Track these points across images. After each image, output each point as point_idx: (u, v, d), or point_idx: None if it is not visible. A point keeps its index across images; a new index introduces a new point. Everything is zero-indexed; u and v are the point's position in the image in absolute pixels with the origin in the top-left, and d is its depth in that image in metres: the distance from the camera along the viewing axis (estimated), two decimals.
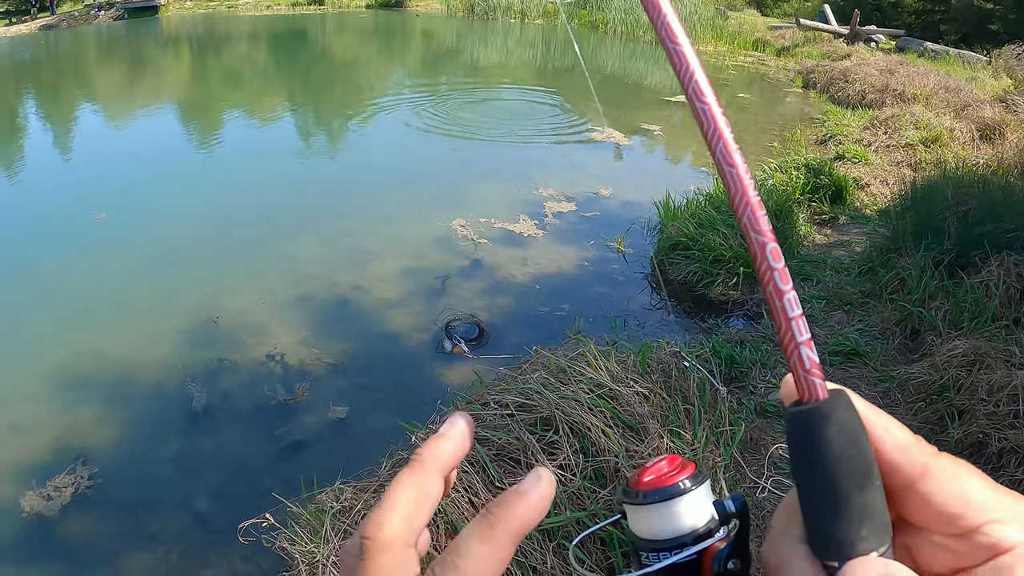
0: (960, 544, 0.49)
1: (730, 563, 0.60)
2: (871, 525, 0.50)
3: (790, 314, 0.53)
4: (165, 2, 48.05)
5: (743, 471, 4.16)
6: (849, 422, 0.50)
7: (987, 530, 0.48)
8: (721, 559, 0.61)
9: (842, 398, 0.51)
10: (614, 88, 20.03)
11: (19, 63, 32.90)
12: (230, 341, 6.92)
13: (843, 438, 0.50)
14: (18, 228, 10.44)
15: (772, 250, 0.52)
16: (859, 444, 0.50)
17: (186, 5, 48.29)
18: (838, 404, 0.51)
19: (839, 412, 0.51)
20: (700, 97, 0.53)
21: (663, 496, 0.61)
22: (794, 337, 0.53)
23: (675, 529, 0.61)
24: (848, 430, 0.50)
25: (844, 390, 0.52)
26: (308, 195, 11.06)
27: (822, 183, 9.48)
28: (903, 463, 0.51)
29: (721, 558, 0.61)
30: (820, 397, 0.51)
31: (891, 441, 0.51)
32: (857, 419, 0.51)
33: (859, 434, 0.51)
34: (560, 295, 7.49)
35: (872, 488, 0.50)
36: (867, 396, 2.71)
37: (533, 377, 4.15)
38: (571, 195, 10.21)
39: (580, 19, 32.87)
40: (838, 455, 0.50)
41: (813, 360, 0.52)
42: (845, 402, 0.51)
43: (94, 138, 17.16)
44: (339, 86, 20.92)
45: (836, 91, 17.55)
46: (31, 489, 5.17)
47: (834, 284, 6.98)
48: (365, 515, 2.50)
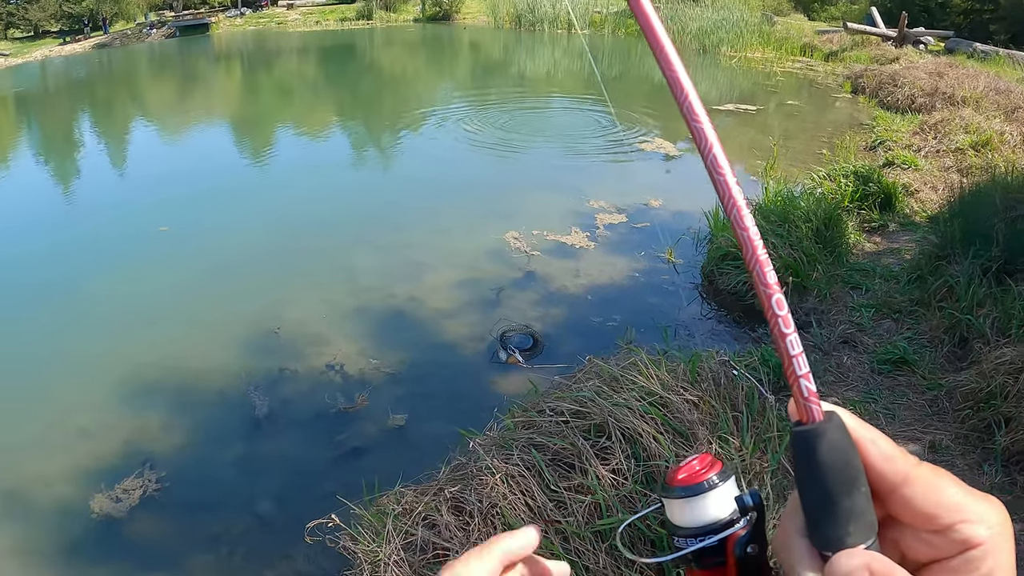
0: (938, 539, 0.62)
1: (749, 548, 0.73)
2: (857, 524, 0.63)
3: (791, 352, 0.65)
4: (216, 20, 48.71)
5: (791, 477, 4.26)
6: (839, 440, 0.63)
7: (959, 528, 0.61)
8: (742, 544, 0.74)
9: (835, 420, 0.64)
10: (661, 98, 20.02)
11: (74, 81, 33.54)
12: (291, 351, 7.13)
13: (833, 453, 0.63)
14: (85, 241, 10.84)
15: (777, 300, 0.68)
16: (847, 457, 0.63)
17: (236, 22, 48.85)
18: (831, 425, 0.64)
19: (831, 432, 0.63)
20: (717, 169, 0.69)
21: (694, 492, 0.75)
22: (795, 371, 0.65)
23: (704, 519, 0.75)
24: (838, 446, 0.63)
25: (837, 412, 0.66)
26: (362, 207, 11.28)
27: (871, 190, 9.45)
28: (888, 471, 0.64)
29: (742, 544, 0.74)
30: (816, 419, 0.64)
31: (877, 453, 0.64)
32: (846, 437, 0.64)
33: (847, 449, 0.64)
34: (611, 305, 7.59)
35: (858, 493, 0.63)
36: (915, 404, 2.89)
37: (587, 385, 4.27)
38: (622, 206, 10.31)
39: (628, 28, 32.89)
40: (829, 466, 0.63)
41: (811, 389, 0.65)
42: (837, 423, 0.64)
43: (151, 153, 17.58)
44: (389, 99, 21.15)
45: (885, 95, 17.33)
46: (100, 492, 5.41)
47: (883, 292, 6.97)
48: (426, 517, 2.70)
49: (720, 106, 17.48)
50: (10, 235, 11.52)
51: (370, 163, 13.90)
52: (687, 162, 12.89)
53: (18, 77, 36.56)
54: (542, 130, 16.90)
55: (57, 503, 5.45)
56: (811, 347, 6.01)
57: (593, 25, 35.15)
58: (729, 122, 15.99)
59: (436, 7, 45.91)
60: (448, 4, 45.52)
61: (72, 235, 11.32)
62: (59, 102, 28.73)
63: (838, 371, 5.61)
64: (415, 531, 3.54)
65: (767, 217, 7.97)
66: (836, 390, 5.32)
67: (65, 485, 5.60)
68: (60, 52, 44.96)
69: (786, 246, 7.34)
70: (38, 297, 8.90)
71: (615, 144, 14.74)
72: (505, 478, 3.62)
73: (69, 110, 26.29)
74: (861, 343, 6.03)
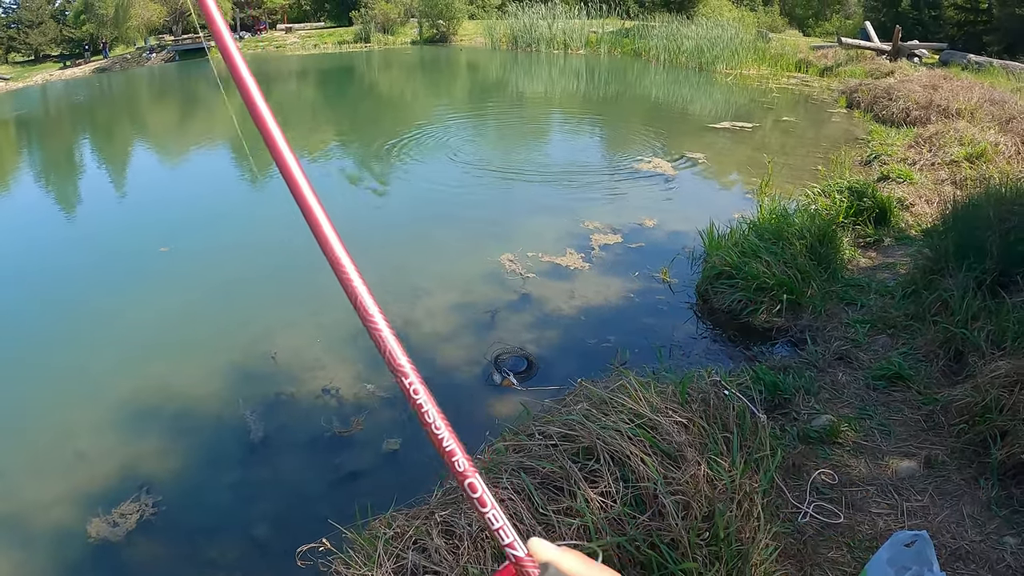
0: None
1: None
2: None
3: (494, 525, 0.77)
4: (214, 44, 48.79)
5: (785, 496, 4.24)
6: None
7: None
8: None
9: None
10: (659, 116, 20.11)
11: (74, 105, 33.75)
12: (287, 375, 7.13)
13: None
14: (85, 262, 10.93)
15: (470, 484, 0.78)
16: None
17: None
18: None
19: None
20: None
21: None
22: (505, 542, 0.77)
23: None
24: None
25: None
26: (358, 231, 11.25)
27: (866, 205, 9.45)
28: None
29: None
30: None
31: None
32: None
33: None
34: (607, 326, 7.57)
35: None
36: (910, 419, 2.89)
37: (576, 409, 4.26)
38: (617, 227, 10.34)
39: (623, 47, 33.05)
40: None
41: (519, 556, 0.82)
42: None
43: (151, 175, 17.79)
44: (386, 121, 21.23)
45: (880, 109, 17.45)
46: (97, 516, 5.41)
47: (878, 307, 6.95)
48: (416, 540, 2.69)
49: (716, 124, 17.55)
50: (9, 256, 11.56)
51: (366, 186, 13.90)
52: (682, 181, 12.91)
53: (19, 101, 36.82)
54: (538, 151, 16.96)
55: (54, 527, 5.45)
56: (806, 364, 6.01)
57: (589, 45, 35.29)
58: (725, 140, 16.04)
59: (433, 29, 46.20)
60: (445, 26, 45.78)
61: (72, 256, 11.36)
62: (60, 125, 28.93)
63: (833, 388, 5.59)
64: (406, 555, 3.53)
65: (761, 235, 7.98)
66: (831, 407, 5.30)
67: (62, 509, 5.60)
68: (60, 76, 45.28)
69: (780, 263, 7.34)
70: (36, 318, 8.97)
71: (610, 164, 14.77)
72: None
73: (70, 133, 26.49)
74: (856, 359, 6.02)
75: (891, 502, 4.24)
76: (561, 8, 40.39)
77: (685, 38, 29.75)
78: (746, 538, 3.55)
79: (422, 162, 15.53)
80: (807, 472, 4.50)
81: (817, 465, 4.59)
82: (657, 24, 34.46)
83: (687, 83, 25.60)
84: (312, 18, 56.35)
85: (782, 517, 4.04)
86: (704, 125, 17.79)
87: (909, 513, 4.14)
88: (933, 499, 4.25)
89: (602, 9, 41.04)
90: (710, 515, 3.52)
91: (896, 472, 4.50)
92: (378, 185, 13.82)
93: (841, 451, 4.77)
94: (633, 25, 37.21)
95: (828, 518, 4.11)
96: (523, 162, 15.57)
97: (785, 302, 7.03)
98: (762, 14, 46.14)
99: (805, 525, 4.07)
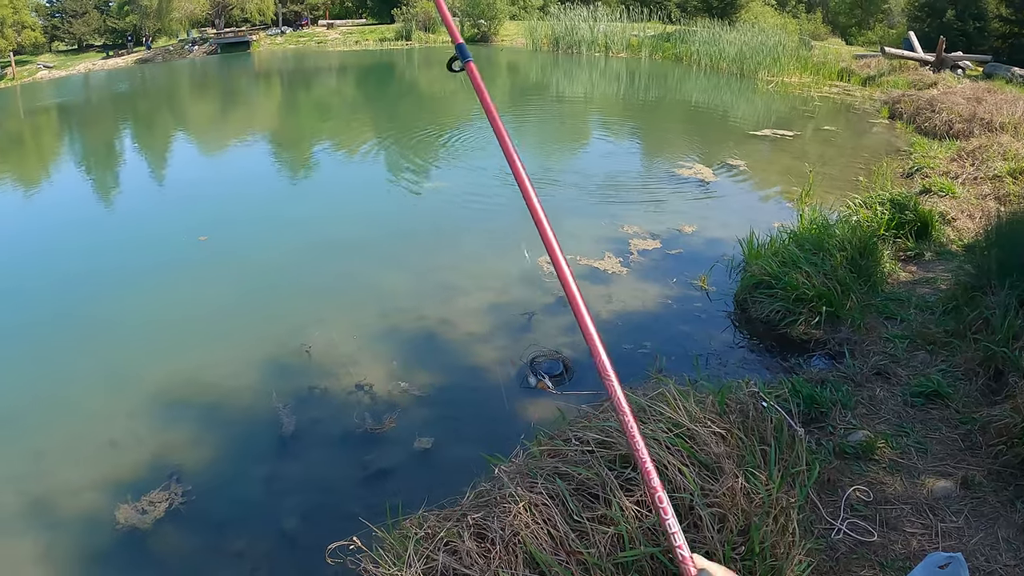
0: None
1: None
2: None
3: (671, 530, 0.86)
4: (256, 38, 49.34)
5: (819, 512, 4.20)
6: None
7: None
8: None
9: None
10: (699, 121, 20.01)
11: (116, 94, 34.12)
12: (320, 370, 7.16)
13: None
14: (124, 249, 11.12)
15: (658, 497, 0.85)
16: None
17: (276, 41, 49.44)
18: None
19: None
20: None
21: None
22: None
23: None
24: None
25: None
26: (395, 228, 11.30)
27: (907, 218, 9.34)
28: None
29: None
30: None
31: None
32: None
33: None
34: (643, 332, 7.52)
35: None
36: (947, 438, 2.88)
37: (613, 415, 4.26)
38: (656, 232, 10.29)
39: (664, 52, 32.93)
40: None
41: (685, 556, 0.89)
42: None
43: (190, 165, 18.08)
44: (425, 119, 21.26)
45: (923, 121, 17.24)
46: (126, 503, 5.46)
47: (918, 323, 6.84)
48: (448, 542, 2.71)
49: (758, 132, 17.43)
50: (50, 242, 11.73)
51: (404, 183, 13.88)
52: (722, 188, 12.84)
53: (62, 89, 37.35)
54: (577, 153, 16.96)
55: (83, 512, 5.51)
56: (844, 378, 5.94)
57: (630, 48, 35.19)
58: (767, 147, 15.94)
59: (475, 29, 46.24)
60: (487, 26, 45.83)
61: (111, 242, 11.57)
62: (101, 113, 29.26)
63: (870, 403, 5.53)
64: (436, 556, 3.52)
65: (801, 245, 7.91)
66: (868, 422, 5.25)
67: (92, 494, 5.66)
68: (103, 66, 45.88)
69: (820, 275, 7.26)
70: (74, 304, 9.09)
71: (650, 169, 14.74)
72: (528, 507, 3.60)
73: (111, 121, 26.78)
74: (894, 374, 5.95)
75: (926, 522, 4.19)
76: (603, 11, 40.31)
77: (728, 44, 29.58)
78: (780, 554, 3.53)
79: (460, 160, 15.59)
80: (842, 488, 4.46)
81: (852, 481, 4.54)
82: (699, 29, 34.31)
83: (728, 89, 25.47)
84: (354, 15, 56.60)
85: (816, 533, 4.00)
86: (745, 132, 17.68)
87: (944, 534, 4.09)
88: (968, 521, 4.19)
89: (644, 13, 40.95)
90: (746, 529, 3.49)
91: (932, 492, 4.45)
92: (416, 182, 13.82)
93: (877, 468, 4.71)
94: (674, 29, 37.05)
95: (862, 536, 4.07)
96: (561, 163, 15.59)
97: (824, 314, 6.94)
98: (804, 21, 45.88)
99: (838, 542, 4.03)
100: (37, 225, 13.27)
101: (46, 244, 11.74)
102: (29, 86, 41.43)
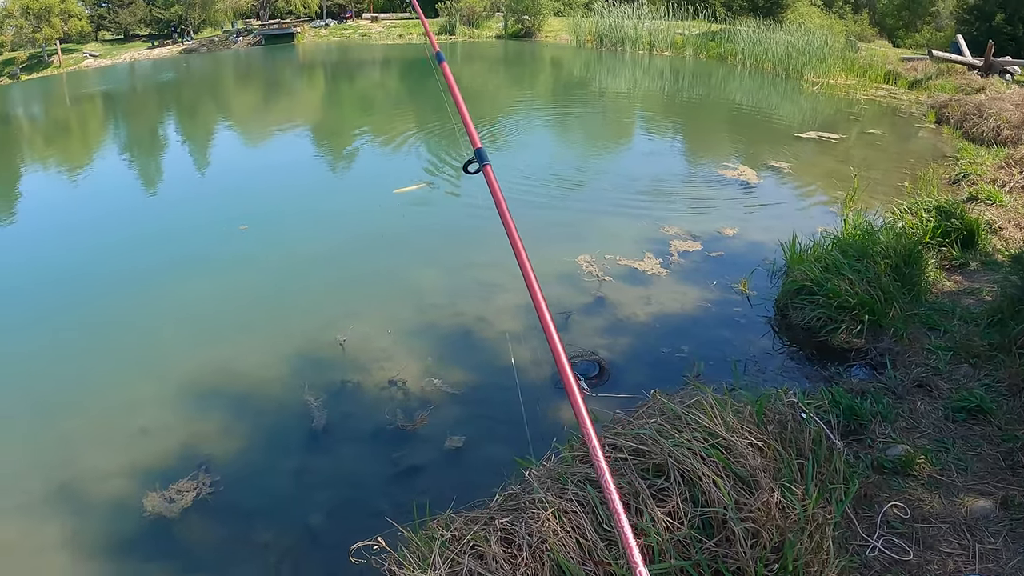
0: None
1: None
2: None
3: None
4: (300, 30, 49.65)
5: (854, 528, 4.10)
6: None
7: None
8: None
9: None
10: (743, 122, 19.83)
11: (161, 83, 34.59)
12: (354, 364, 7.17)
13: None
14: (164, 234, 11.37)
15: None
16: None
17: (320, 33, 49.73)
18: None
19: None
20: None
21: None
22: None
23: None
24: None
25: None
26: (434, 224, 11.28)
27: (953, 226, 9.11)
28: None
29: None
30: None
31: None
32: None
33: None
34: (681, 336, 7.43)
35: None
36: (988, 456, 2.78)
37: (649, 423, 4.13)
38: (697, 233, 10.16)
39: (709, 51, 32.69)
40: None
41: None
42: None
43: (233, 155, 18.39)
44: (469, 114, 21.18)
45: (970, 127, 16.87)
46: (154, 490, 5.53)
47: (962, 335, 6.66)
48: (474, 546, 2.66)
49: (802, 134, 17.22)
50: (91, 226, 11.92)
51: (445, 178, 13.84)
52: (765, 190, 12.69)
53: (107, 77, 37.85)
54: (619, 151, 16.86)
55: (111, 498, 5.58)
56: (884, 389, 5.81)
57: (675, 47, 34.97)
58: (811, 150, 15.73)
59: (519, 24, 46.16)
60: (530, 22, 45.72)
61: (153, 229, 11.71)
62: (146, 102, 29.60)
63: (910, 416, 5.41)
64: (461, 560, 3.47)
65: (845, 251, 7.76)
66: (908, 436, 5.13)
67: (120, 481, 5.72)
68: (148, 55, 46.43)
69: (863, 282, 7.13)
70: (112, 289, 9.25)
71: (692, 169, 14.63)
72: (558, 513, 3.55)
73: (155, 110, 27.10)
74: (936, 387, 5.81)
75: (963, 542, 4.08)
76: (647, 8, 40.08)
77: (774, 43, 29.26)
78: (814, 572, 3.44)
79: (501, 155, 15.53)
80: (878, 504, 4.35)
81: (889, 497, 4.43)
82: (744, 28, 34.00)
83: (773, 90, 25.21)
84: (398, 8, 56.65)
85: (850, 550, 3.90)
86: (789, 134, 17.46)
87: (981, 555, 3.97)
88: (1007, 542, 4.06)
89: (688, 11, 40.67)
90: (779, 546, 3.41)
91: (970, 511, 4.33)
92: (455, 179, 13.76)
93: (915, 484, 4.59)
94: (719, 28, 36.75)
95: (897, 554, 3.96)
96: (603, 161, 15.53)
97: (866, 323, 6.79)
98: (851, 22, 45.31)
99: (873, 560, 3.92)
100: (82, 212, 13.48)
101: (90, 230, 11.92)
102: (75, 74, 42.02)
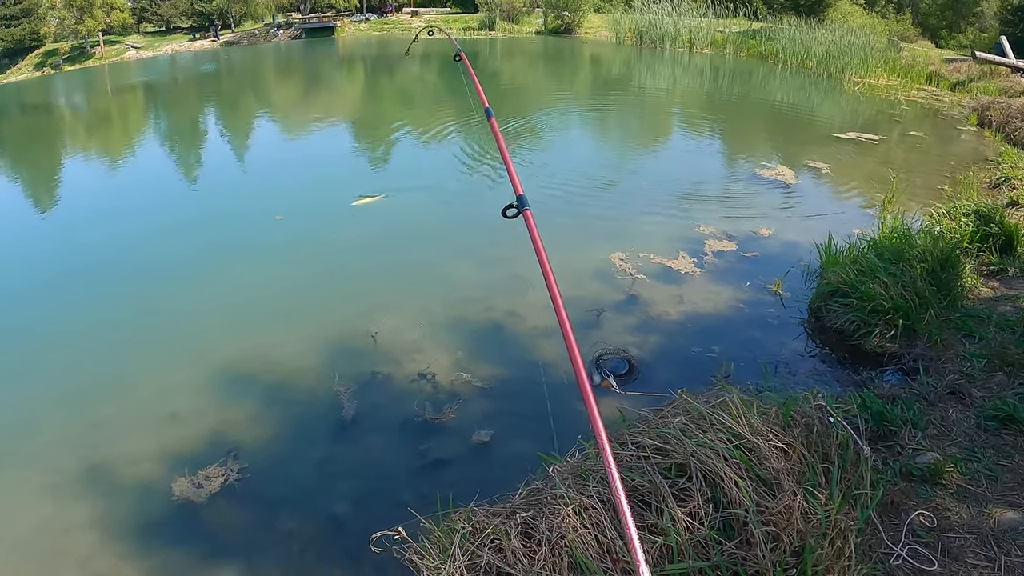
0: None
1: None
2: None
3: None
4: (341, 23, 49.92)
5: (879, 535, 4.05)
6: None
7: None
8: None
9: None
10: (783, 121, 19.68)
11: (202, 75, 34.95)
12: (384, 356, 7.21)
13: None
14: (201, 222, 11.57)
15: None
16: None
17: (361, 27, 49.95)
18: None
19: None
20: None
21: None
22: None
23: None
24: None
25: None
26: (469, 218, 11.34)
27: (992, 231, 8.95)
28: None
29: None
30: None
31: None
32: None
33: None
34: (713, 335, 7.38)
35: None
36: (1020, 467, 2.72)
37: (673, 422, 4.12)
38: (732, 233, 10.09)
39: (749, 49, 32.46)
40: None
41: None
42: None
43: (272, 145, 18.67)
44: (507, 110, 21.15)
45: (1013, 130, 16.55)
46: (183, 475, 5.63)
47: (997, 343, 6.51)
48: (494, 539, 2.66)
49: (842, 134, 17.04)
50: (132, 212, 12.12)
51: (481, 173, 13.85)
52: (803, 191, 12.58)
53: (148, 68, 38.33)
54: (656, 149, 16.80)
55: (140, 482, 5.67)
56: (916, 395, 5.73)
57: (715, 44, 34.76)
58: (851, 151, 15.55)
59: (558, 20, 46.09)
60: (570, 18, 45.64)
61: (192, 218, 11.93)
62: (187, 93, 29.93)
63: (942, 424, 5.33)
64: (481, 553, 3.48)
65: (881, 254, 7.67)
66: (938, 444, 5.06)
67: (150, 465, 5.82)
68: (189, 48, 46.96)
69: (898, 286, 7.04)
70: (149, 277, 9.37)
71: (730, 168, 14.54)
72: (578, 509, 3.55)
73: (196, 101, 27.39)
74: (969, 395, 5.72)
75: (990, 554, 4.01)
76: (687, 6, 39.85)
77: (816, 43, 28.97)
78: None
79: (540, 150, 15.58)
80: (905, 512, 4.28)
81: (916, 505, 4.36)
82: (785, 27, 33.70)
83: (813, 89, 24.96)
84: (438, 3, 56.75)
85: (874, 558, 3.84)
86: (829, 134, 17.27)
87: (1007, 568, 3.90)
88: None
89: (729, 9, 40.42)
90: (800, 551, 3.38)
91: (998, 523, 4.26)
92: (492, 174, 13.75)
93: (943, 493, 4.52)
94: (760, 27, 36.46)
95: (922, 564, 3.90)
96: (641, 159, 15.48)
97: (900, 327, 6.70)
98: (893, 22, 44.77)
99: (896, 568, 3.85)
100: (122, 199, 13.71)
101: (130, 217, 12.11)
102: (117, 65, 42.61)
